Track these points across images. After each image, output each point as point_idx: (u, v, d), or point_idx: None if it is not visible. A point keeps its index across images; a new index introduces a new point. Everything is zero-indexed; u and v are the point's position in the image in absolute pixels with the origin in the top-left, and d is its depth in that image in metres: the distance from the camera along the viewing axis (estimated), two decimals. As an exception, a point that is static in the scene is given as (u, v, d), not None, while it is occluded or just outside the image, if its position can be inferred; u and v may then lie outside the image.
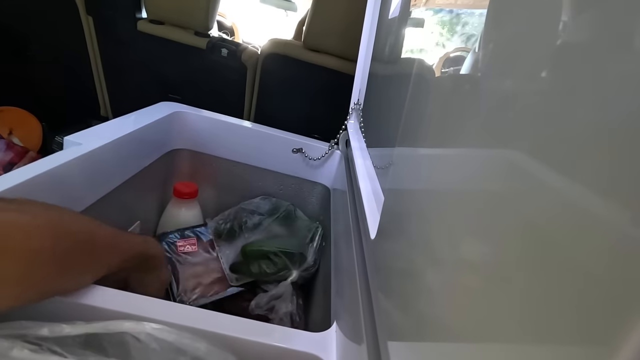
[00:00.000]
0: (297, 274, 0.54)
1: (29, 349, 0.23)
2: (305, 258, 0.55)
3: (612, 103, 0.11)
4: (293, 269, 0.54)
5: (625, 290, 0.09)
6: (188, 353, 0.28)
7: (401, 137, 0.34)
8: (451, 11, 0.41)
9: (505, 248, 0.15)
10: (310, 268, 0.56)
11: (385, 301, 0.28)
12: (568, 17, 0.14)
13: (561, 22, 0.15)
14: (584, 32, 0.13)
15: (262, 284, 0.56)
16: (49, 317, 0.27)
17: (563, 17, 0.15)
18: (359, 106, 0.80)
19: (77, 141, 0.48)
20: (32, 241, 0.27)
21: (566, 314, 0.11)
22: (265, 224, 0.63)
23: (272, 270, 0.54)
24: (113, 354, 0.27)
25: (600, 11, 0.13)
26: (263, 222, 0.63)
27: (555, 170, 0.13)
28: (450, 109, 0.24)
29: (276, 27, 2.77)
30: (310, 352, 0.33)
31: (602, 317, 0.10)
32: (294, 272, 0.54)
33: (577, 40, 0.14)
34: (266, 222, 0.64)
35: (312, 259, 0.56)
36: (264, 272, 0.55)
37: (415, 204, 0.27)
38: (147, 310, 0.32)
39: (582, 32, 0.13)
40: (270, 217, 0.65)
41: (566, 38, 0.14)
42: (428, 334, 0.20)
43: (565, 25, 0.14)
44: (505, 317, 0.14)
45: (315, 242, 0.58)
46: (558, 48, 0.14)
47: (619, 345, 0.09)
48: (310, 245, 0.57)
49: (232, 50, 1.19)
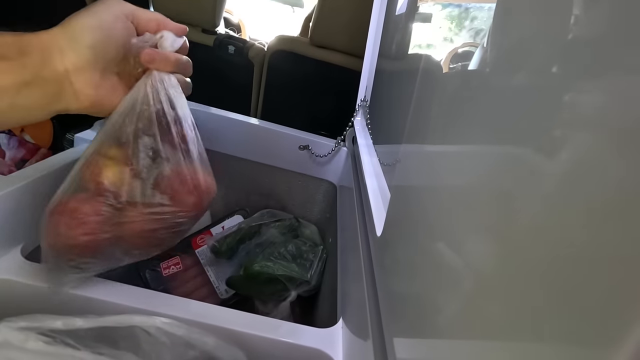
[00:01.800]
0: (296, 294, 0.54)
1: (43, 341, 0.24)
2: (308, 283, 0.55)
3: (624, 101, 0.11)
4: (293, 290, 0.54)
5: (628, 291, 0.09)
6: (197, 347, 0.29)
7: (408, 134, 0.34)
8: (459, 6, 0.41)
9: (511, 247, 0.15)
10: (310, 290, 0.55)
11: (392, 298, 0.29)
12: (579, 12, 0.14)
13: (572, 17, 0.14)
14: (595, 27, 0.13)
15: (257, 300, 0.56)
16: (62, 311, 0.28)
17: (574, 11, 0.14)
18: (365, 103, 0.80)
19: (87, 138, 0.48)
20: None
21: (570, 312, 0.11)
22: (267, 242, 0.61)
23: (272, 290, 0.54)
24: (124, 347, 0.27)
25: (613, 6, 0.12)
26: (265, 241, 0.61)
27: (565, 169, 0.13)
28: (457, 105, 0.24)
29: (283, 23, 2.77)
30: (317, 348, 0.33)
31: (604, 317, 0.10)
32: (293, 293, 0.54)
33: (588, 36, 0.13)
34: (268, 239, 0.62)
35: (314, 283, 0.55)
36: (264, 292, 0.55)
37: (422, 201, 0.27)
38: (157, 305, 0.33)
39: (593, 27, 0.13)
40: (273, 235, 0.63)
41: (577, 33, 0.14)
42: (434, 332, 0.21)
43: (576, 20, 0.14)
44: (510, 315, 0.14)
45: (318, 266, 0.57)
46: (568, 43, 0.14)
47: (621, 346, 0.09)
48: (313, 270, 0.56)
49: (239, 47, 1.19)
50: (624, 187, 0.10)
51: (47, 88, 0.29)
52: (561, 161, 0.13)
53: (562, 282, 0.12)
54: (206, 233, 0.65)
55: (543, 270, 0.13)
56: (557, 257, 0.12)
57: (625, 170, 0.10)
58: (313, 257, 0.58)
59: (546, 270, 0.13)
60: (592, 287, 0.10)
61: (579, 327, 0.11)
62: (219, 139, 0.76)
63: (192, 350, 0.29)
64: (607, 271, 0.10)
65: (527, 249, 0.14)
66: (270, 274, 0.53)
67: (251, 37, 1.97)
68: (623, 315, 0.09)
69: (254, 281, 0.54)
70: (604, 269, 0.10)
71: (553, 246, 0.13)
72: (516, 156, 0.16)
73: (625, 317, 0.09)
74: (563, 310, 0.12)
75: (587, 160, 0.12)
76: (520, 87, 0.17)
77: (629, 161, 0.10)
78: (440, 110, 0.27)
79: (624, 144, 0.10)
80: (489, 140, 0.19)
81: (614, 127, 0.11)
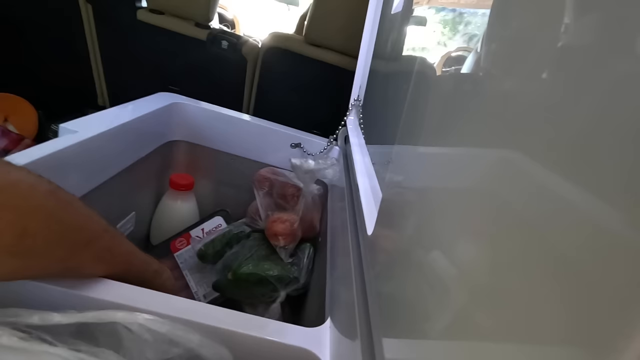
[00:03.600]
0: (285, 294, 0.53)
1: (18, 336, 0.23)
2: (297, 280, 0.54)
3: (615, 104, 0.11)
4: (282, 290, 0.53)
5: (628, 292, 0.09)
6: (181, 345, 0.28)
7: (401, 134, 0.34)
8: (454, 10, 0.41)
9: (502, 247, 0.15)
10: (299, 289, 0.55)
11: (381, 298, 0.28)
12: (571, 18, 0.14)
13: (564, 23, 0.14)
14: (587, 32, 0.13)
15: (245, 304, 0.55)
16: (40, 306, 0.27)
17: (566, 17, 0.14)
18: (359, 102, 0.80)
19: (72, 129, 0.47)
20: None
21: (563, 311, 0.11)
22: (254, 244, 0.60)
23: (262, 292, 0.53)
24: (104, 344, 0.27)
25: (604, 11, 0.12)
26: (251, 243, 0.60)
27: (555, 170, 0.13)
28: (450, 108, 0.24)
29: (278, 21, 2.76)
30: (304, 347, 0.33)
31: (604, 318, 0.10)
32: (282, 293, 0.53)
33: (580, 41, 0.13)
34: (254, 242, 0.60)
35: (303, 281, 0.55)
36: (255, 294, 0.54)
37: (414, 201, 0.27)
38: (140, 301, 0.32)
39: (586, 33, 0.13)
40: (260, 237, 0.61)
41: (569, 38, 0.14)
42: (424, 332, 0.20)
43: (569, 26, 0.14)
44: (500, 314, 0.14)
45: (307, 263, 0.57)
46: (561, 48, 0.14)
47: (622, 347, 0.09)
48: (302, 267, 0.56)
49: (233, 43, 1.18)
50: (622, 186, 0.10)
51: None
52: (553, 163, 0.13)
53: (551, 283, 0.12)
54: (185, 236, 0.64)
55: (533, 272, 0.13)
56: (548, 257, 0.12)
57: (620, 170, 0.10)
58: (301, 254, 0.57)
59: (536, 271, 0.13)
60: (594, 288, 0.10)
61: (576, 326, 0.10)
62: (210, 135, 0.75)
63: (175, 348, 0.28)
64: (611, 272, 0.10)
65: (517, 250, 0.14)
66: (260, 274, 0.53)
67: (245, 34, 1.95)
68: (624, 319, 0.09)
69: (243, 283, 0.53)
70: (606, 270, 0.10)
71: (544, 248, 0.13)
72: (508, 158, 0.16)
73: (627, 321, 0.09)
74: (556, 311, 0.11)
75: (581, 161, 0.12)
76: (512, 91, 0.17)
77: (625, 162, 0.10)
78: (433, 113, 0.27)
79: (619, 144, 0.10)
80: (481, 143, 0.19)
81: (609, 129, 0.11)
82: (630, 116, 0.10)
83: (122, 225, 0.61)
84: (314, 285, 0.55)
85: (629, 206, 0.10)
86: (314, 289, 0.55)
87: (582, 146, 0.12)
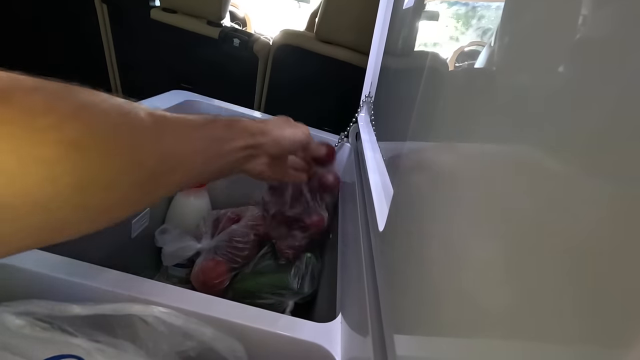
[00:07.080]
0: (294, 303, 0.53)
1: (40, 326, 0.24)
2: (302, 290, 0.54)
3: (633, 100, 0.11)
4: (289, 300, 0.53)
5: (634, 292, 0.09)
6: (194, 337, 0.28)
7: (413, 131, 0.34)
8: (467, 4, 0.40)
9: (515, 245, 0.15)
10: (307, 297, 0.55)
11: (392, 294, 0.28)
12: (587, 11, 0.14)
13: (580, 16, 0.14)
14: (603, 26, 0.13)
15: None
16: (61, 298, 0.27)
17: (582, 10, 0.14)
18: (370, 99, 0.79)
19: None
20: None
21: (575, 311, 0.11)
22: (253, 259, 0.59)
23: (268, 303, 0.54)
24: (122, 335, 0.27)
25: (621, 5, 0.12)
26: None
27: (571, 168, 0.13)
28: (463, 103, 0.23)
29: (289, 18, 2.76)
30: (315, 342, 0.33)
31: (610, 318, 0.09)
32: (291, 303, 0.53)
33: (596, 35, 0.13)
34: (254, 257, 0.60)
35: (309, 289, 0.54)
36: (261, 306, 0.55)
37: (425, 198, 0.27)
38: (155, 294, 0.33)
39: (602, 27, 0.13)
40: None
41: (585, 32, 0.14)
42: (436, 329, 0.20)
43: (584, 20, 0.14)
44: (512, 313, 0.14)
45: (309, 272, 0.56)
46: (576, 42, 0.14)
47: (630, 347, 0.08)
48: (304, 277, 0.55)
49: (244, 41, 1.19)
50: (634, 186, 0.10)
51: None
52: (569, 160, 0.13)
53: (565, 280, 0.12)
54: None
55: (546, 268, 0.13)
56: (561, 255, 0.12)
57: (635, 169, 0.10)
58: (300, 263, 0.57)
59: (549, 268, 0.12)
60: (602, 287, 0.10)
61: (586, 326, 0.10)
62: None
63: (189, 341, 0.29)
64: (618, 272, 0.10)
65: (533, 248, 0.14)
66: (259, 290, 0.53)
67: (256, 31, 1.96)
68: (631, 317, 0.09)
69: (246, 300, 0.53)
70: (614, 269, 0.10)
71: (559, 245, 0.12)
72: (522, 155, 0.16)
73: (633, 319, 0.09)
74: (568, 310, 0.11)
75: (597, 158, 0.12)
76: (527, 86, 0.17)
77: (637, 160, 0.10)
78: (446, 109, 0.26)
79: (635, 142, 0.10)
80: (494, 140, 0.18)
81: (626, 126, 0.11)
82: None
83: (136, 221, 0.62)
84: (325, 280, 0.56)
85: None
86: (324, 284, 0.55)
87: (601, 142, 0.12)
